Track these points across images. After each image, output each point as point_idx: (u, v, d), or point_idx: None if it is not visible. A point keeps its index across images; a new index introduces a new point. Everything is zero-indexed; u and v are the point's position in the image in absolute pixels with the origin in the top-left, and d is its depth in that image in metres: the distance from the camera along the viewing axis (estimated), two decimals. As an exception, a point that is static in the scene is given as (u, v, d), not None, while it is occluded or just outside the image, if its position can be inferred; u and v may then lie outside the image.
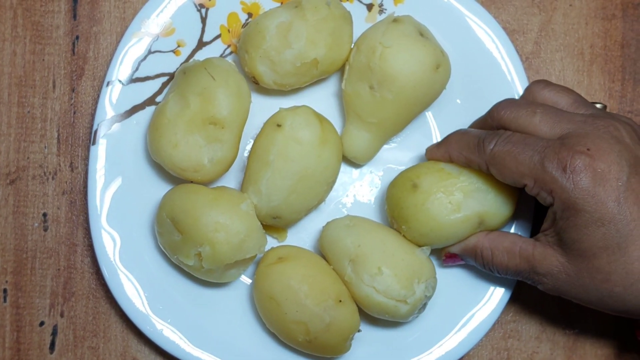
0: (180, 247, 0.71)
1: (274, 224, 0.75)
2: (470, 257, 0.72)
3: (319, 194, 0.74)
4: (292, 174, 0.72)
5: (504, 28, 0.79)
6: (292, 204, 0.73)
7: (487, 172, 0.69)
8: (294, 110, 0.73)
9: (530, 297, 0.78)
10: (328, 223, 0.75)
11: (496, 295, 0.75)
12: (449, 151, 0.72)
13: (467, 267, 0.76)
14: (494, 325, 0.77)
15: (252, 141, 0.76)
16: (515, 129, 0.68)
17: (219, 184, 0.76)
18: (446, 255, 0.74)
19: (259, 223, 0.72)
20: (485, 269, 0.72)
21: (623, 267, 0.63)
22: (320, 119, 0.73)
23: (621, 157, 0.63)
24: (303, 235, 0.78)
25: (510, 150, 0.66)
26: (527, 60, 0.80)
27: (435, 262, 0.75)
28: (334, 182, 0.74)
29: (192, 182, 0.74)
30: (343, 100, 0.76)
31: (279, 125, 0.72)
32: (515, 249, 0.69)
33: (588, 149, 0.63)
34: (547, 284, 0.67)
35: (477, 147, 0.69)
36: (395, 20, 0.74)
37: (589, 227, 0.63)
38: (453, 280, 0.76)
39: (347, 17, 0.76)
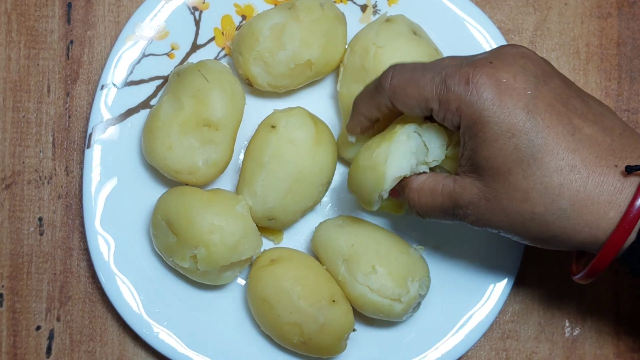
0: (175, 250, 0.71)
1: (270, 226, 0.75)
2: (404, 198, 0.68)
3: (314, 195, 0.73)
4: (287, 175, 0.72)
5: (499, 28, 0.79)
6: (287, 206, 0.73)
7: (394, 111, 0.66)
8: (288, 111, 0.73)
9: (528, 297, 0.78)
10: (320, 223, 0.75)
11: (494, 295, 0.75)
12: (359, 111, 0.69)
13: (463, 266, 0.75)
14: (492, 325, 0.77)
15: (246, 143, 0.76)
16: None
17: (214, 186, 0.76)
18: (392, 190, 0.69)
19: (254, 224, 0.72)
20: (414, 213, 0.67)
21: (540, 181, 0.59)
22: (315, 120, 0.73)
23: (526, 69, 0.61)
24: (299, 236, 0.77)
25: (410, 78, 0.64)
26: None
27: (430, 262, 0.74)
28: (329, 183, 0.74)
29: (187, 184, 0.73)
30: (339, 102, 0.76)
31: (273, 127, 0.72)
32: (438, 187, 0.65)
33: (491, 62, 0.61)
34: (470, 215, 0.63)
35: (376, 88, 0.66)
36: (388, 20, 0.74)
37: (498, 140, 0.60)
38: (450, 281, 0.76)
39: (341, 18, 0.76)
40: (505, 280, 0.75)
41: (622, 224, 0.58)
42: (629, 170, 0.58)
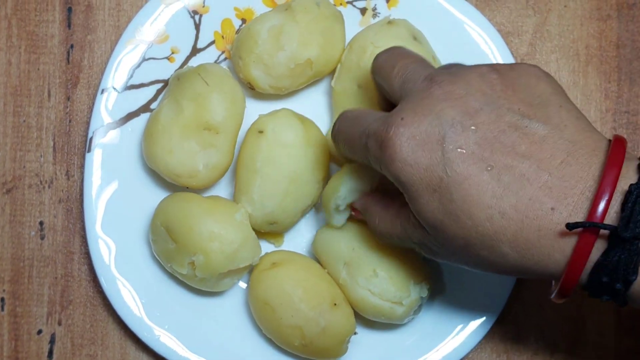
0: (174, 256, 0.71)
1: (272, 230, 0.75)
2: (365, 216, 0.68)
3: (311, 193, 0.74)
4: (281, 178, 0.72)
5: (499, 30, 0.79)
6: (286, 208, 0.73)
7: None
8: (273, 114, 0.73)
9: (529, 300, 0.78)
10: (322, 227, 0.74)
11: (494, 298, 0.75)
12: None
13: (462, 268, 0.75)
14: (492, 327, 0.76)
15: (246, 147, 0.76)
16: (377, 80, 0.66)
17: (215, 191, 0.76)
18: (352, 208, 0.70)
19: (253, 233, 0.72)
20: (374, 231, 0.67)
21: (475, 230, 0.56)
22: (302, 119, 0.74)
23: (442, 116, 0.57)
24: (300, 240, 0.77)
25: (344, 132, 0.64)
26: (522, 62, 0.80)
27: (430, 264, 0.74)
28: (325, 179, 0.74)
29: (187, 188, 0.74)
30: (332, 99, 0.76)
31: (260, 132, 0.72)
32: (397, 219, 0.64)
33: (402, 118, 0.58)
34: (424, 251, 0.63)
35: (333, 138, 0.67)
36: (390, 22, 0.74)
37: (423, 197, 0.57)
38: (450, 283, 0.76)
39: (338, 16, 0.76)
40: (506, 282, 0.75)
41: (568, 271, 0.55)
42: (570, 228, 0.54)
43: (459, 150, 0.56)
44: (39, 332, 0.78)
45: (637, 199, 0.54)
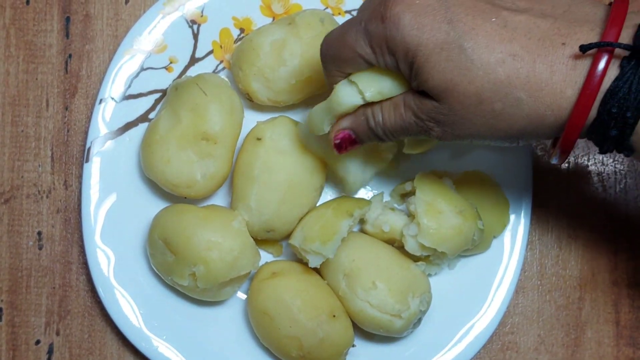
0: (174, 268, 0.71)
1: (269, 238, 0.74)
2: (362, 126, 0.65)
3: (309, 201, 0.74)
4: (279, 185, 0.72)
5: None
6: (283, 215, 0.73)
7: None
8: (271, 122, 0.73)
9: (528, 309, 0.78)
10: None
11: (493, 307, 0.75)
12: (330, 81, 0.67)
13: (461, 278, 0.75)
14: (491, 337, 0.76)
15: (243, 157, 0.76)
16: None
17: (213, 201, 0.76)
18: (336, 137, 0.66)
19: (252, 239, 0.72)
20: (377, 133, 0.65)
21: (487, 79, 0.57)
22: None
23: None
24: (298, 250, 0.77)
25: (340, 43, 0.63)
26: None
27: (430, 278, 0.74)
28: (322, 187, 0.74)
29: (185, 197, 0.73)
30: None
31: (259, 139, 0.72)
32: (400, 102, 0.63)
33: None
34: (433, 130, 0.61)
35: (324, 65, 0.66)
36: None
37: (430, 59, 0.58)
38: (449, 294, 0.75)
39: (340, 32, 0.76)
40: (504, 292, 0.75)
41: (580, 101, 0.56)
42: (584, 50, 0.55)
43: (460, 7, 0.58)
44: (37, 342, 0.78)
45: None
